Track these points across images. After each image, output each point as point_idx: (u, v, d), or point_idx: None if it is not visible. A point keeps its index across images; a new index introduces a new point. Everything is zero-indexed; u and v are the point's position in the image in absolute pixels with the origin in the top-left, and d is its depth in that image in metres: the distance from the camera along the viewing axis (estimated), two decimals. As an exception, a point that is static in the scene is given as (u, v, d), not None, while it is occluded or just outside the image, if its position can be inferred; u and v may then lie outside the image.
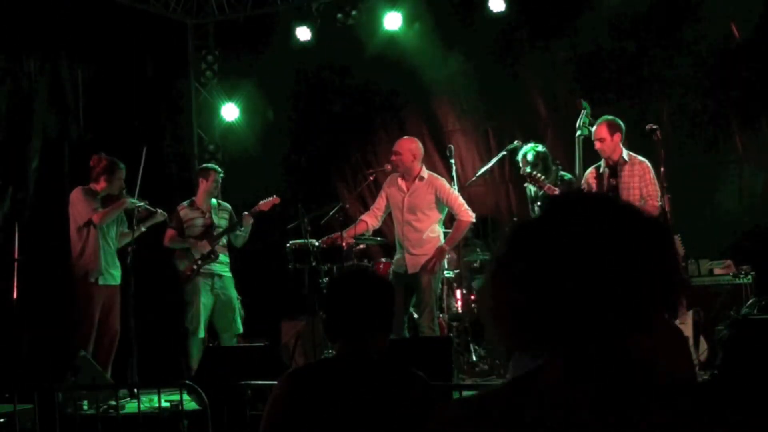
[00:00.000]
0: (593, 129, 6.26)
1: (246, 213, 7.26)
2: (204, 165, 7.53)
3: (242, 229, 7.28)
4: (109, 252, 6.77)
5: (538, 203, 6.73)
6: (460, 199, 6.50)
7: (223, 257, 7.27)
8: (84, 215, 6.61)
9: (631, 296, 1.11)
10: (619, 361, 1.12)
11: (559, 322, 1.12)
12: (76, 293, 6.67)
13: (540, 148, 6.83)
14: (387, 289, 2.56)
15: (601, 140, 6.21)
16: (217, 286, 7.17)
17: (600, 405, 1.10)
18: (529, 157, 6.73)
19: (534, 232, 1.18)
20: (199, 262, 7.10)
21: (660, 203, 6.10)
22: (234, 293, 7.28)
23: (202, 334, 7.05)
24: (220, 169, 7.38)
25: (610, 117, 6.27)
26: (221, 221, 7.31)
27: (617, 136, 6.20)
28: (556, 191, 6.51)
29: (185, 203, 7.34)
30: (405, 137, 6.81)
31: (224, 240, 7.29)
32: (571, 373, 1.13)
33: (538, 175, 6.54)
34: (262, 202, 7.27)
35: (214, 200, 7.39)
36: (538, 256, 1.14)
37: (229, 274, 7.30)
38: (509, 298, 1.16)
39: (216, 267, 7.18)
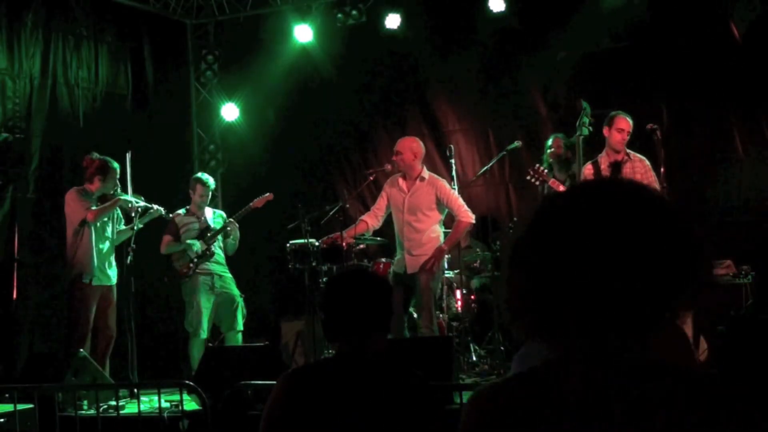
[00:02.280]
0: (627, 119, 6.31)
1: (230, 220, 7.28)
2: (193, 176, 7.52)
3: (230, 237, 7.30)
4: (104, 252, 6.75)
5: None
6: (460, 201, 6.50)
7: (222, 259, 7.28)
8: (79, 214, 6.60)
9: (648, 287, 1.10)
10: (636, 352, 1.12)
11: (577, 312, 1.11)
12: (70, 294, 6.66)
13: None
14: (384, 288, 2.55)
15: (629, 132, 6.29)
16: (218, 285, 7.17)
17: (619, 394, 1.11)
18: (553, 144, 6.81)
19: (554, 219, 1.17)
20: (195, 260, 7.11)
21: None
22: (236, 291, 7.28)
23: (204, 335, 7.05)
24: (204, 180, 7.31)
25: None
26: (216, 224, 7.35)
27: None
28: (561, 187, 6.49)
29: (181, 211, 7.35)
30: (406, 137, 6.82)
31: (221, 243, 7.31)
32: (590, 363, 1.13)
33: (542, 168, 6.50)
34: (255, 200, 7.30)
35: (208, 208, 7.42)
36: (558, 245, 1.13)
37: (229, 274, 7.31)
38: (528, 286, 1.16)
39: (214, 267, 7.19)
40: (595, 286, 1.10)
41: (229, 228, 7.26)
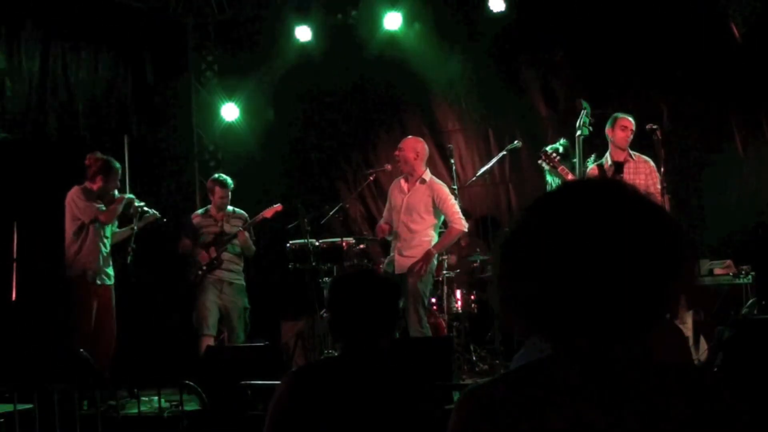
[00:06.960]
0: (629, 118, 6.39)
1: (240, 230, 7.20)
2: (210, 178, 7.51)
3: (244, 245, 7.25)
4: (104, 251, 6.77)
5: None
6: (456, 207, 6.49)
7: (234, 266, 7.25)
8: (87, 214, 6.60)
9: (635, 287, 1.11)
10: (626, 353, 1.12)
11: (565, 314, 1.11)
12: (73, 293, 6.66)
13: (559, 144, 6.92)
14: (392, 290, 2.56)
15: (632, 131, 6.35)
16: (226, 293, 7.17)
17: (618, 389, 1.11)
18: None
19: (543, 219, 1.17)
20: (204, 268, 7.11)
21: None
22: (243, 302, 7.27)
23: (210, 331, 7.05)
24: (222, 180, 7.28)
25: None
26: (233, 229, 7.27)
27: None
28: (570, 175, 6.42)
29: (200, 212, 7.42)
30: (412, 136, 6.83)
31: (237, 249, 7.26)
32: (588, 359, 1.13)
33: (554, 154, 6.46)
34: (265, 211, 7.27)
35: (230, 207, 7.36)
36: (546, 246, 1.13)
37: (241, 282, 7.30)
38: (517, 288, 1.16)
39: (224, 274, 7.18)
40: (585, 284, 1.10)
41: (236, 240, 7.17)
